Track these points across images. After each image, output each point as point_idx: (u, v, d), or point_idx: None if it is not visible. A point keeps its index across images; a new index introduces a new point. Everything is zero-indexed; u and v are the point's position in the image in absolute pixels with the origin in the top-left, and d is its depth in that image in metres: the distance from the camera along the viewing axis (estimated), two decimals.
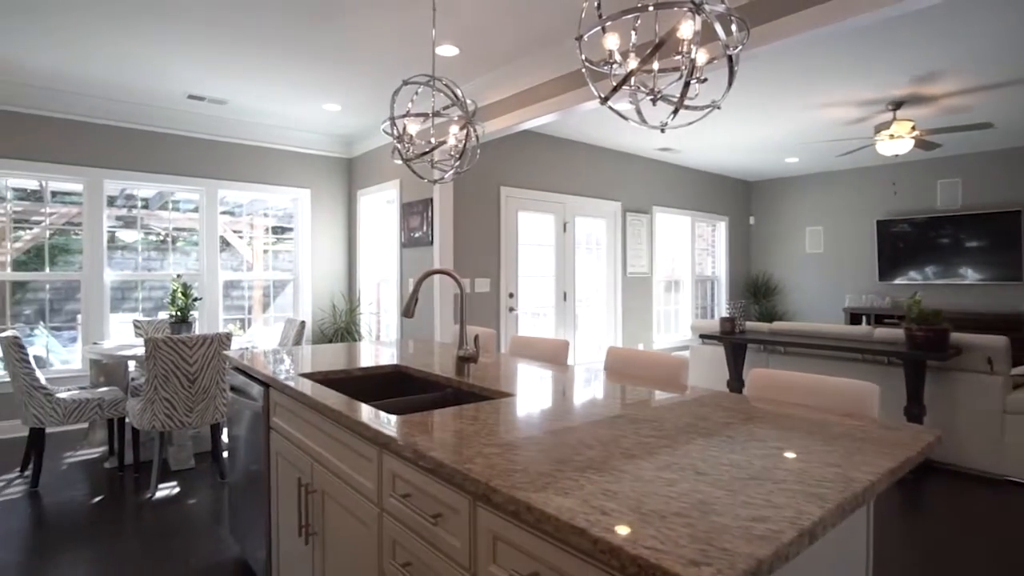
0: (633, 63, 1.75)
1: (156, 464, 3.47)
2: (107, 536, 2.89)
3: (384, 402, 1.84)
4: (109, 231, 5.20)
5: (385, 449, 1.35)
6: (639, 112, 1.87)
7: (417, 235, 5.15)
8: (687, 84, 1.56)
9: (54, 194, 5.03)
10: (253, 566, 2.36)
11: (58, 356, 5.17)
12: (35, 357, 3.55)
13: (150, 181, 5.27)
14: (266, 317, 6.16)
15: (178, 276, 4.46)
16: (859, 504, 0.98)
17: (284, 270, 6.17)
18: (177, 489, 3.50)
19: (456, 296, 5.17)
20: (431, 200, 4.97)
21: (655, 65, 1.71)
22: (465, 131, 2.53)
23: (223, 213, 5.75)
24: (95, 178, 5.00)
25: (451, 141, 2.60)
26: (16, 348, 3.38)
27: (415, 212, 5.17)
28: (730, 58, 1.57)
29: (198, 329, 5.42)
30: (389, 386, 2.30)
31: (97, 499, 3.35)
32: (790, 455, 1.17)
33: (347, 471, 1.54)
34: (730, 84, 1.64)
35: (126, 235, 5.45)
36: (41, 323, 5.10)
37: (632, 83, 1.74)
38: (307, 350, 2.76)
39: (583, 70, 1.67)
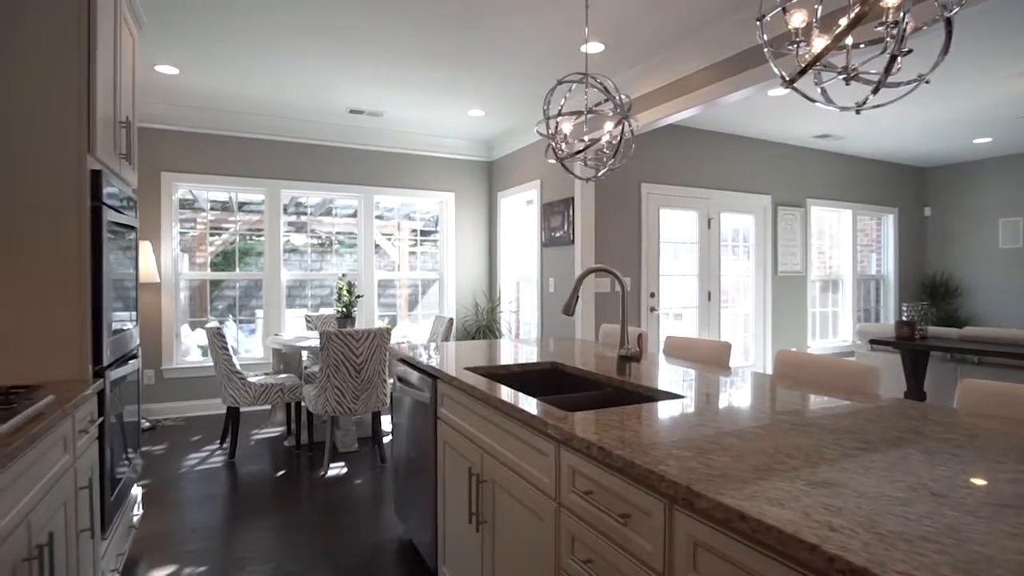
0: (819, 40, 1.60)
1: (328, 445, 3.82)
2: (289, 506, 3.24)
3: (545, 399, 1.86)
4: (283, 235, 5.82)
5: (564, 445, 1.35)
6: (824, 93, 1.71)
7: (558, 234, 5.18)
8: (893, 58, 1.39)
9: (239, 205, 5.74)
10: (418, 546, 2.50)
11: (242, 346, 5.89)
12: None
13: (316, 190, 5.84)
14: (413, 314, 6.55)
15: (343, 275, 4.88)
16: None
17: (430, 270, 6.53)
18: (345, 469, 3.82)
19: (604, 295, 5.13)
20: (572, 199, 4.97)
21: (848, 40, 1.55)
22: (620, 127, 2.49)
23: (375, 217, 6.20)
24: (273, 188, 5.64)
25: (606, 137, 2.57)
26: (219, 337, 3.91)
27: (556, 212, 5.21)
28: (948, 20, 1.38)
29: (357, 324, 5.90)
30: (546, 382, 2.33)
31: (280, 473, 3.77)
32: None
33: (520, 464, 1.57)
34: (945, 51, 1.44)
35: (296, 239, 6.08)
36: (230, 316, 5.85)
37: (820, 62, 1.59)
38: (459, 346, 2.87)
39: (765, 51, 1.56)
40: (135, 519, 2.66)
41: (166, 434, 4.70)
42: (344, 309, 4.40)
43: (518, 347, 2.81)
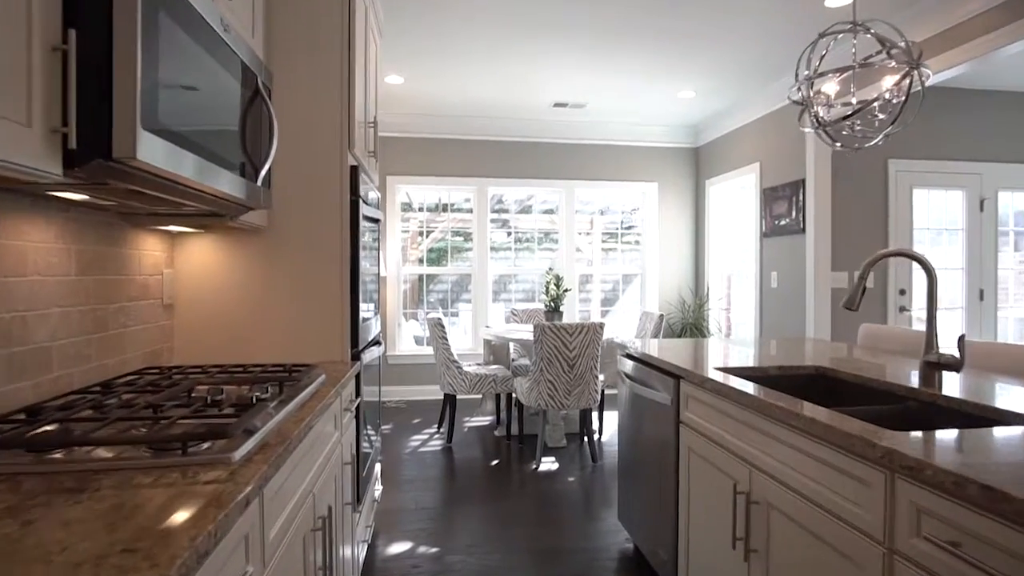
0: None
1: (541, 439, 3.81)
2: (506, 497, 3.26)
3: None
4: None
5: (904, 475, 1.04)
6: None
7: (783, 222, 4.59)
8: None
9: (445, 206, 6.07)
10: (649, 559, 2.30)
11: (448, 336, 6.22)
12: None
13: (520, 185, 5.96)
14: (612, 310, 6.36)
15: (550, 269, 4.89)
16: None
17: (630, 263, 6.29)
18: (556, 465, 3.78)
19: (841, 292, 4.43)
20: (802, 182, 4.37)
21: None
22: (908, 79, 2.02)
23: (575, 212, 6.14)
24: (481, 186, 5.87)
25: (886, 95, 2.11)
26: (439, 328, 4.12)
27: (780, 197, 4.62)
28: None
29: (564, 318, 5.89)
30: (811, 391, 1.97)
31: (494, 462, 3.85)
32: None
33: (817, 490, 1.28)
34: None
35: (497, 236, 6.26)
36: (439, 308, 6.22)
37: None
38: (680, 344, 2.60)
39: None
40: (377, 494, 2.86)
41: (390, 415, 5.13)
42: (552, 303, 4.37)
43: (737, 348, 2.46)
